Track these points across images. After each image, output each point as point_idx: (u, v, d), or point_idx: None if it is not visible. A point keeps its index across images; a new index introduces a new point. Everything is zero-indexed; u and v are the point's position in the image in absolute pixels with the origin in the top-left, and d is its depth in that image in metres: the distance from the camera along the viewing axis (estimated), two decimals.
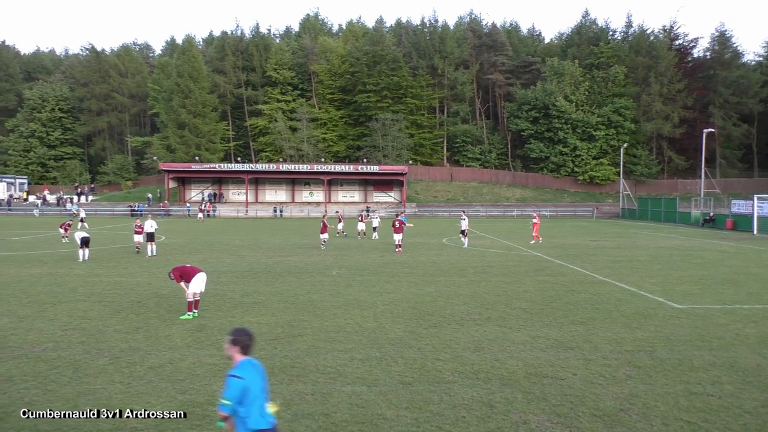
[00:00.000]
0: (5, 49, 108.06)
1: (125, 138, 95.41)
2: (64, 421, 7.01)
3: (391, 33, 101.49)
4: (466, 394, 8.08)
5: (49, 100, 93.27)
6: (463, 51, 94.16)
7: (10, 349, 10.19)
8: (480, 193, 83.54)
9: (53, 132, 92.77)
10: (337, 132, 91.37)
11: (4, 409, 7.40)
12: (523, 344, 10.83)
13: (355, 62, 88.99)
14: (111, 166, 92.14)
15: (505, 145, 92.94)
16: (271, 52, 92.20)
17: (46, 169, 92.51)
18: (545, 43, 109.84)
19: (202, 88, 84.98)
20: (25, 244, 31.12)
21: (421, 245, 31.75)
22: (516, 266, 22.49)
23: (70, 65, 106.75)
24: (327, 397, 7.93)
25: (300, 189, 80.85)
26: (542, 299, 15.37)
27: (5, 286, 16.98)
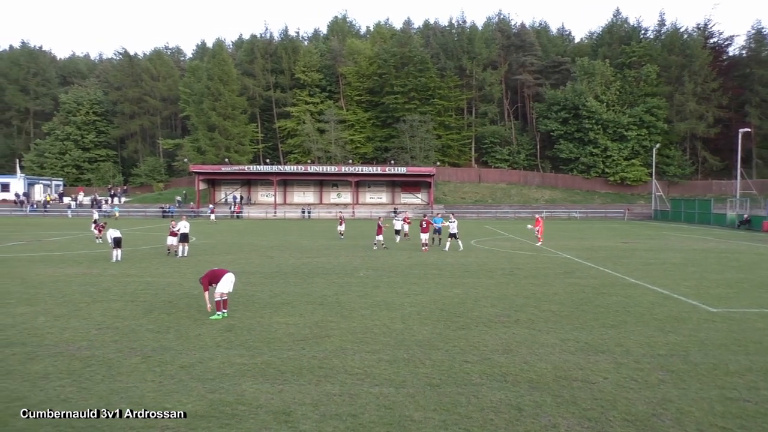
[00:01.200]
0: (42, 55, 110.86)
1: (157, 140, 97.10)
2: (98, 420, 7.13)
3: (419, 34, 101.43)
4: (494, 397, 8.01)
5: (84, 103, 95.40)
6: (492, 51, 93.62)
7: (47, 347, 10.42)
8: (508, 194, 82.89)
9: (88, 135, 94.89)
10: (365, 133, 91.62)
11: (41, 405, 7.57)
12: (553, 347, 10.70)
13: (383, 64, 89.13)
14: (143, 168, 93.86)
15: (534, 146, 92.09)
16: (300, 55, 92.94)
17: (80, 172, 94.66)
18: (575, 43, 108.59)
19: (232, 90, 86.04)
20: (61, 245, 31.85)
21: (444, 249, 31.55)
22: (545, 268, 22.24)
23: (104, 69, 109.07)
24: (355, 398, 7.94)
25: (328, 190, 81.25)
26: (572, 302, 15.17)
27: (42, 285, 17.39)
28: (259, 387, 8.33)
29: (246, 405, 7.62)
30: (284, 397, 7.94)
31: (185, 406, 7.56)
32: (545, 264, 23.71)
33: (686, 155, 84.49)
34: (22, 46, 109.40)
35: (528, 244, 33.36)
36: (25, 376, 8.80)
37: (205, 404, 7.64)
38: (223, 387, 8.33)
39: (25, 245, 31.46)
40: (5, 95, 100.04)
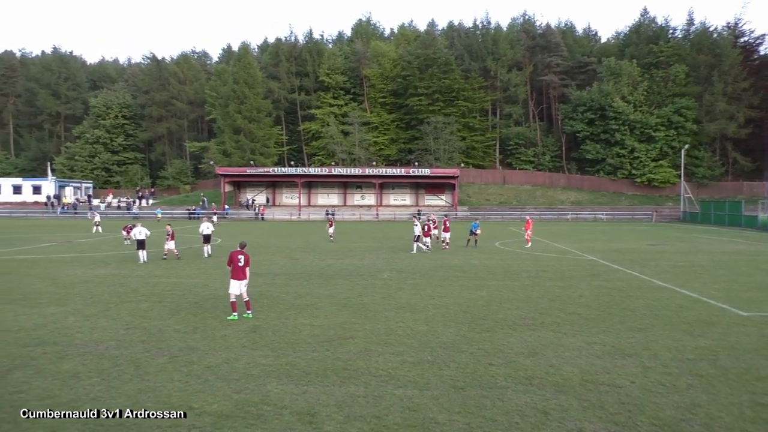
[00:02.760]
0: (73, 60, 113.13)
1: (184, 143, 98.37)
2: (126, 419, 7.25)
3: (443, 36, 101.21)
4: (519, 400, 7.95)
5: (113, 107, 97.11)
6: (516, 52, 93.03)
7: (76, 347, 10.62)
8: (533, 196, 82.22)
9: (116, 138, 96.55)
10: (389, 135, 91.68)
11: (71, 404, 7.72)
12: (579, 350, 10.58)
13: (407, 66, 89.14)
14: (170, 171, 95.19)
15: (559, 147, 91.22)
16: (324, 58, 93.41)
17: (110, 174, 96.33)
18: (602, 43, 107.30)
19: (257, 93, 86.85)
20: (90, 246, 32.46)
21: (472, 249, 31.46)
22: (571, 270, 22.01)
23: (133, 74, 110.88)
24: (379, 399, 7.94)
25: (352, 192, 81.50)
26: (598, 304, 14.99)
27: (72, 286, 17.73)
28: (284, 388, 8.38)
29: (271, 405, 7.68)
30: (309, 398, 7.98)
31: (211, 405, 7.65)
32: (571, 266, 23.46)
33: (716, 156, 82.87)
34: (54, 52, 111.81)
35: (553, 246, 33.04)
36: (56, 374, 8.98)
37: (231, 404, 7.72)
38: (248, 387, 8.40)
39: (56, 246, 32.13)
40: (37, 100, 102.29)
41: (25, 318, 13.05)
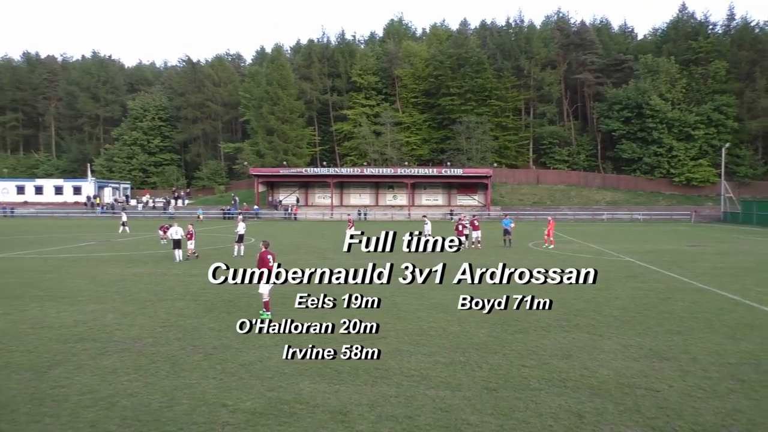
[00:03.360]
0: (111, 64, 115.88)
1: (218, 144, 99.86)
2: (163, 413, 7.38)
3: (476, 35, 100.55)
4: (553, 403, 7.84)
5: (150, 109, 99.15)
6: (550, 51, 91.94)
7: (115, 344, 10.86)
8: (568, 196, 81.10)
9: (153, 140, 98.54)
10: (421, 135, 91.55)
11: (110, 399, 7.89)
12: (614, 353, 10.39)
13: (439, 65, 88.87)
14: (205, 171, 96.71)
15: (594, 146, 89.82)
16: (356, 58, 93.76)
17: (146, 175, 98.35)
18: (638, 40, 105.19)
19: (290, 95, 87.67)
20: (128, 245, 33.18)
21: (505, 249, 31.19)
22: (606, 272, 21.63)
23: (169, 76, 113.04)
24: (411, 399, 7.93)
25: (384, 192, 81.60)
26: (635, 306, 14.70)
27: (111, 284, 18.14)
28: (316, 386, 8.43)
29: (303, 404, 7.73)
30: (341, 397, 8.01)
31: (245, 403, 7.73)
32: (606, 267, 23.06)
33: (758, 155, 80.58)
34: (93, 56, 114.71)
35: (588, 247, 32.53)
36: (95, 370, 9.19)
37: (264, 402, 7.79)
38: (281, 386, 8.47)
39: (95, 245, 32.94)
40: (77, 103, 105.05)
41: (66, 315, 13.41)
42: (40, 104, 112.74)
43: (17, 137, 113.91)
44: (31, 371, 9.11)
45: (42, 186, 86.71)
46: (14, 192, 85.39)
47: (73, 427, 6.94)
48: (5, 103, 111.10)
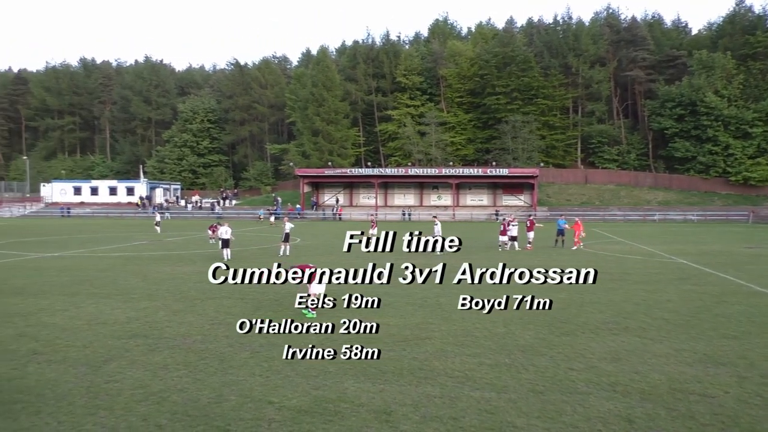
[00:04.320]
0: (162, 68, 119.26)
1: (265, 145, 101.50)
2: (211, 408, 7.54)
3: (522, 33, 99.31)
4: (602, 407, 7.66)
5: (199, 112, 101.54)
6: (599, 48, 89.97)
7: (166, 340, 11.15)
8: (617, 196, 79.17)
9: (202, 141, 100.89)
10: (466, 135, 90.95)
11: (161, 394, 8.11)
12: (666, 357, 10.07)
13: (484, 65, 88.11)
14: (252, 172, 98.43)
15: (645, 145, 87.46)
16: (401, 59, 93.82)
17: (196, 176, 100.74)
18: (692, 35, 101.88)
19: (335, 96, 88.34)
20: (178, 245, 34.04)
21: (552, 250, 30.68)
22: (657, 273, 21.03)
23: (217, 79, 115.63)
24: (455, 401, 7.87)
25: (428, 193, 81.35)
26: (688, 310, 14.23)
27: (162, 282, 18.63)
28: (361, 386, 8.46)
29: (348, 403, 7.76)
30: (385, 396, 8.01)
31: (291, 401, 7.82)
32: (657, 269, 22.42)
33: None
34: (146, 61, 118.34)
35: (638, 248, 31.68)
36: (147, 366, 9.46)
37: (309, 400, 7.87)
38: (326, 384, 8.53)
39: (147, 245, 33.92)
40: (131, 106, 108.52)
41: (120, 312, 13.84)
42: (95, 108, 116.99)
43: (74, 140, 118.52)
44: (86, 366, 9.44)
45: (97, 187, 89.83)
46: (71, 193, 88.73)
47: (126, 420, 7.15)
48: (63, 108, 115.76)
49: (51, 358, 9.91)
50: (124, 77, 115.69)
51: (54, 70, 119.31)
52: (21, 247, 31.09)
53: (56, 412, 7.40)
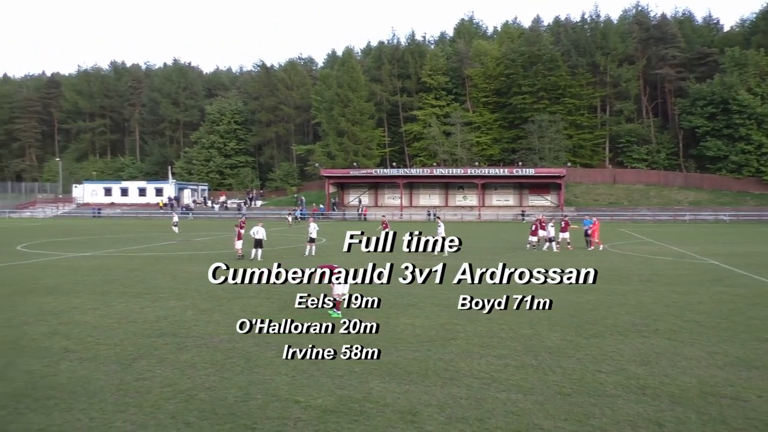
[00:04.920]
0: (190, 70, 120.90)
1: (290, 146, 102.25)
2: (238, 407, 7.61)
3: (549, 32, 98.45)
4: (631, 410, 7.54)
5: (226, 113, 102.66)
6: (628, 46, 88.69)
7: (194, 339, 11.29)
8: (647, 196, 77.94)
9: (229, 143, 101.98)
10: (492, 135, 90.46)
11: (189, 392, 8.21)
12: (697, 360, 9.88)
13: (511, 64, 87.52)
14: (278, 173, 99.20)
15: (675, 144, 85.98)
16: (426, 59, 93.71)
17: (223, 177, 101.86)
18: (724, 32, 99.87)
19: (360, 96, 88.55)
20: (205, 245, 34.45)
21: (580, 251, 30.31)
22: (688, 275, 20.64)
23: (244, 81, 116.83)
24: (481, 402, 7.82)
25: (453, 193, 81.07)
26: (719, 312, 13.93)
27: (189, 281, 18.87)
28: (386, 386, 8.45)
29: (373, 403, 7.76)
30: (410, 397, 8.00)
31: (316, 400, 7.85)
32: (688, 270, 22.00)
33: None
34: (174, 63, 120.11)
35: (668, 249, 31.14)
36: (176, 364, 9.58)
37: (334, 400, 7.89)
38: (351, 384, 8.55)
39: (176, 245, 34.40)
40: (159, 108, 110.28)
41: (149, 310, 14.05)
42: (125, 110, 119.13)
43: (105, 142, 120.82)
44: (117, 363, 9.60)
45: (127, 188, 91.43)
46: (102, 193, 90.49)
47: (155, 417, 7.26)
48: (95, 110, 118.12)
49: (82, 355, 10.11)
50: (153, 80, 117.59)
51: (86, 74, 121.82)
52: (54, 247, 31.80)
53: (88, 408, 7.54)
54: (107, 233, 44.94)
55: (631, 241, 38.09)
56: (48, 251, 29.40)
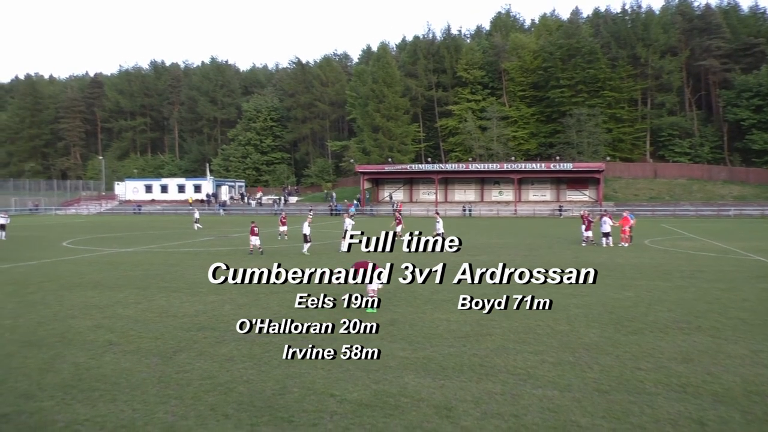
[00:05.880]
0: (227, 68, 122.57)
1: (326, 143, 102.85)
2: (275, 400, 7.72)
3: (588, 24, 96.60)
4: (671, 409, 7.39)
5: (263, 110, 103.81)
6: (671, 37, 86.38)
7: (232, 333, 11.49)
8: (689, 190, 75.93)
9: (265, 140, 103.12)
10: (528, 129, 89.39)
11: (228, 384, 8.37)
12: (742, 358, 9.61)
13: (548, 57, 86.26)
14: (313, 169, 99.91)
15: (719, 137, 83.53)
16: (462, 53, 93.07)
17: (259, 173, 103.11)
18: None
19: (395, 92, 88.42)
20: (243, 241, 34.87)
21: (620, 246, 29.71)
22: (733, 271, 20.06)
23: (280, 78, 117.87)
24: (517, 398, 7.77)
25: (489, 188, 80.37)
26: (765, 309, 13.52)
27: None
28: (421, 381, 8.47)
29: (408, 397, 7.79)
30: (445, 392, 8.00)
31: (352, 394, 7.91)
32: (733, 266, 21.39)
33: None
34: (212, 62, 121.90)
35: (711, 245, 30.30)
36: (214, 357, 9.78)
37: (369, 394, 7.93)
38: (386, 379, 8.59)
39: (214, 240, 35.01)
40: (197, 106, 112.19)
41: (189, 305, 14.35)
42: (165, 109, 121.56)
43: (145, 140, 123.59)
44: (158, 356, 9.85)
45: (167, 185, 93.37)
46: (143, 191, 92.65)
47: (195, 409, 7.42)
48: (135, 109, 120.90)
49: (125, 348, 10.40)
50: (191, 78, 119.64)
51: (126, 73, 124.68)
52: (97, 243, 32.72)
53: (131, 400, 7.76)
54: (148, 229, 45.99)
55: (673, 236, 37.20)
56: (92, 247, 30.27)
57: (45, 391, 8.10)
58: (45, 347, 10.45)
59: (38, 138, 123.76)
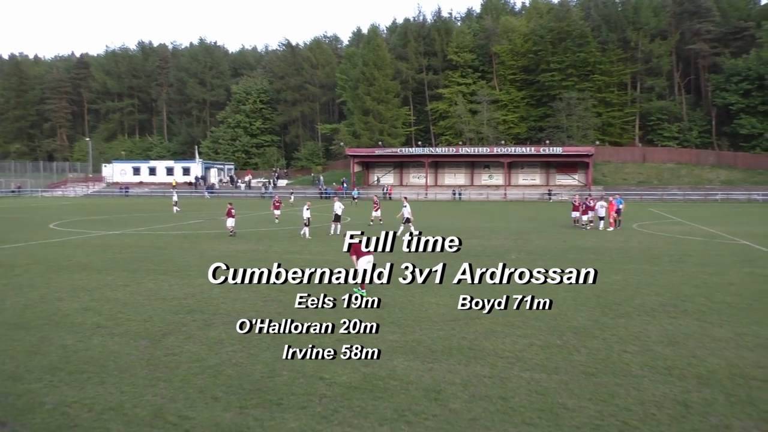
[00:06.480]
0: (216, 50, 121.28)
1: (316, 126, 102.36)
2: (264, 383, 7.73)
3: (578, 7, 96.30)
4: (657, 391, 7.48)
5: (252, 93, 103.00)
6: (661, 20, 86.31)
7: (221, 316, 11.47)
8: (677, 175, 76.44)
9: (255, 122, 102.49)
10: (518, 113, 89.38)
11: (216, 367, 8.36)
12: (726, 341, 9.73)
13: (539, 40, 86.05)
14: (303, 152, 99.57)
15: (708, 121, 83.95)
16: (452, 36, 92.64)
17: (248, 156, 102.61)
18: (761, 5, 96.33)
19: (386, 75, 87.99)
20: None
21: (609, 230, 29.91)
22: (719, 255, 20.26)
23: (269, 60, 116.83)
24: (505, 381, 7.83)
25: (479, 172, 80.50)
26: (750, 293, 13.68)
27: (216, 259, 19.09)
28: (410, 364, 8.51)
29: (397, 380, 7.83)
30: (434, 375, 8.04)
31: (341, 377, 7.94)
32: (719, 251, 21.61)
33: None
34: (200, 43, 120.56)
35: (699, 229, 30.58)
36: (203, 340, 9.76)
37: (359, 377, 7.97)
38: (376, 362, 8.62)
39: (203, 223, 34.86)
40: (186, 88, 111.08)
41: (177, 288, 14.31)
42: (153, 90, 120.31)
43: (133, 122, 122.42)
44: (147, 339, 9.82)
45: (155, 167, 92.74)
46: (131, 173, 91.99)
47: (184, 391, 7.42)
48: (123, 90, 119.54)
49: (114, 331, 10.36)
50: (179, 60, 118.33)
51: (113, 54, 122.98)
52: (85, 226, 32.48)
53: (119, 382, 7.74)
54: (136, 212, 45.69)
55: (662, 220, 37.49)
56: (79, 229, 30.05)
57: (32, 374, 8.06)
58: (32, 330, 10.39)
59: (24, 119, 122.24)
